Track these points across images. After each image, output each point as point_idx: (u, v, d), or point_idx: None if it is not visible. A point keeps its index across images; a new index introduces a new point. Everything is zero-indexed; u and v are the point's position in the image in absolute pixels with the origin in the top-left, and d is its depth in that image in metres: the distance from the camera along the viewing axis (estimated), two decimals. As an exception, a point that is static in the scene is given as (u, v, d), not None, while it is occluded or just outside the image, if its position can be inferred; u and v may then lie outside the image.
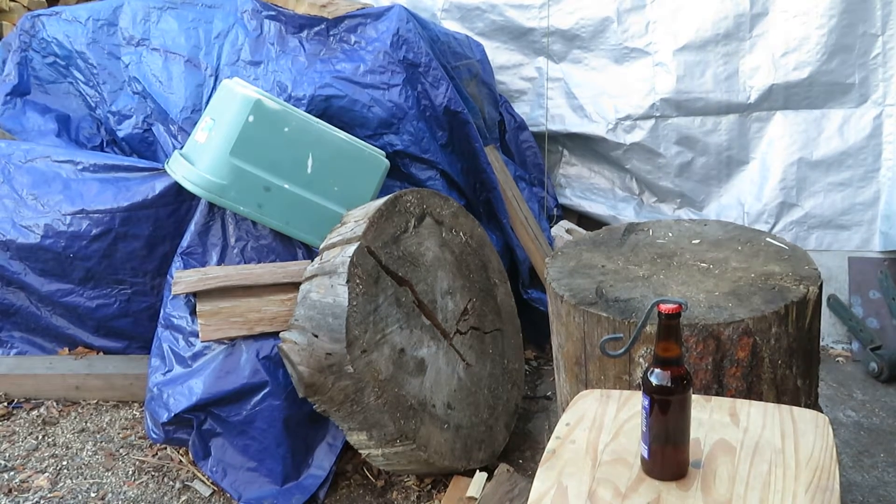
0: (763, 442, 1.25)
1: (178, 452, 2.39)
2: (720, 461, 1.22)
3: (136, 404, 2.62)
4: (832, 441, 1.26)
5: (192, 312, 2.32)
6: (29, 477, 2.33)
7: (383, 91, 2.63)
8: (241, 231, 2.41)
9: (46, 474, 2.34)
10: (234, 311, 2.26)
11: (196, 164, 2.33)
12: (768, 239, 1.91)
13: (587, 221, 3.47)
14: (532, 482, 1.23)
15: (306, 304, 2.10)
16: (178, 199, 2.51)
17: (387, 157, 2.54)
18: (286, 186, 2.35)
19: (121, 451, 2.43)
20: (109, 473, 2.35)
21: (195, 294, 2.29)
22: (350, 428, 2.13)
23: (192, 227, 2.44)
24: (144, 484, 2.30)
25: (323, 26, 2.74)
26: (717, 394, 1.60)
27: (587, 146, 3.38)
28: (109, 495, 2.27)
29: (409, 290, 2.21)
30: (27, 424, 2.54)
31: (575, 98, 3.31)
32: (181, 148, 2.50)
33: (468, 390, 2.30)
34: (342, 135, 2.45)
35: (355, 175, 2.46)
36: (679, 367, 1.15)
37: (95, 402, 2.64)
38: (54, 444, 2.46)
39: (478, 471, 2.25)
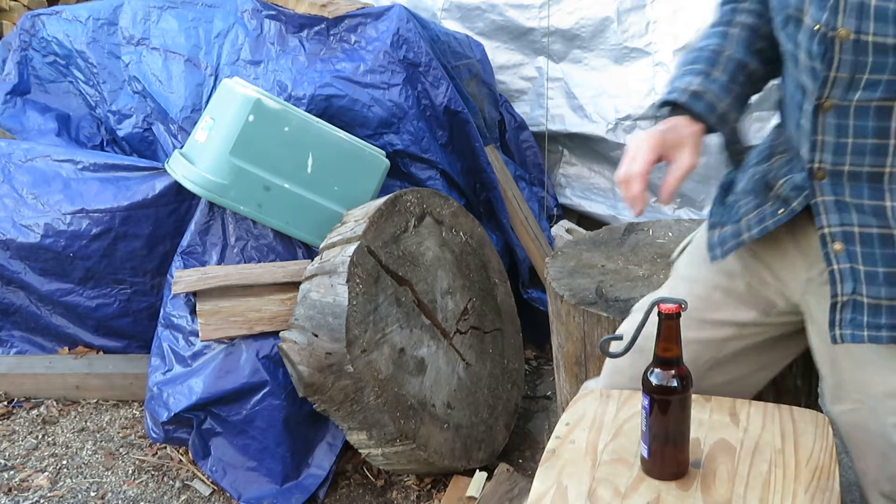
0: (763, 442, 1.25)
1: (178, 452, 2.39)
2: (720, 461, 1.22)
3: (136, 404, 2.62)
4: (832, 441, 1.26)
5: (192, 312, 2.31)
6: (29, 476, 2.33)
7: (383, 91, 2.63)
8: (241, 230, 2.41)
9: (46, 473, 2.34)
10: (234, 310, 2.26)
11: (196, 163, 2.33)
12: (768, 239, 1.91)
13: (587, 221, 3.47)
14: (532, 482, 1.23)
15: (306, 304, 2.10)
16: (179, 199, 2.51)
17: (387, 157, 2.54)
18: (286, 186, 2.35)
19: (121, 450, 2.44)
20: (109, 473, 2.35)
21: (195, 293, 2.30)
22: (350, 427, 2.13)
23: (192, 226, 2.44)
24: (144, 483, 2.30)
25: (323, 26, 2.74)
26: (717, 394, 1.60)
27: (587, 146, 3.38)
28: (109, 494, 2.27)
29: (409, 289, 2.21)
30: (27, 424, 2.54)
31: (575, 98, 3.30)
32: (181, 147, 2.50)
33: (468, 390, 2.30)
34: (342, 134, 2.45)
35: (355, 175, 2.46)
36: (679, 367, 1.15)
37: (95, 401, 2.64)
38: (54, 444, 2.46)
39: (477, 470, 2.25)
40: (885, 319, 1.22)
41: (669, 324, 1.14)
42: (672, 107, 1.32)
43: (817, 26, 1.13)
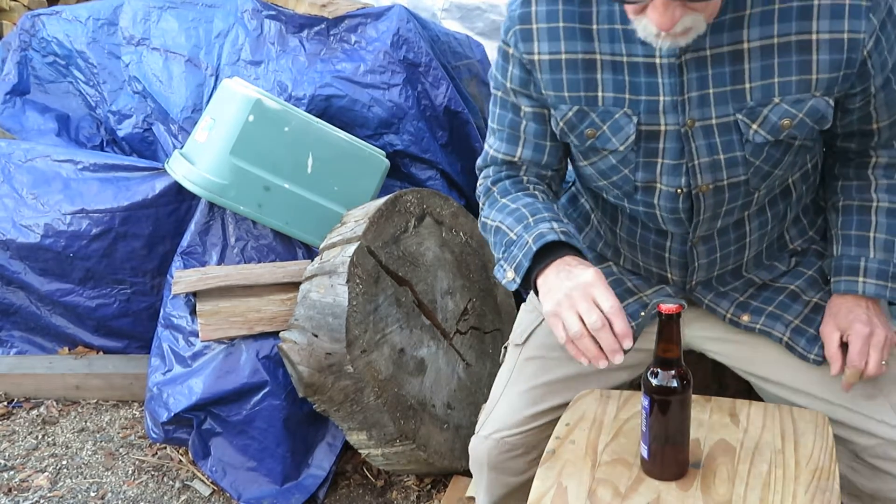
0: (763, 442, 1.26)
1: (178, 452, 2.39)
2: (720, 461, 1.22)
3: (135, 404, 2.62)
4: (832, 441, 1.26)
5: (192, 312, 2.32)
6: (28, 476, 2.33)
7: (383, 91, 2.63)
8: (241, 231, 2.41)
9: (46, 474, 2.34)
10: (234, 310, 2.26)
11: (196, 163, 2.33)
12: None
13: (587, 221, 3.46)
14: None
15: (306, 304, 2.10)
16: (179, 199, 2.51)
17: (387, 157, 2.54)
18: (286, 186, 2.35)
19: (120, 450, 2.44)
20: (109, 473, 2.35)
21: (195, 293, 2.30)
22: (350, 428, 2.13)
23: (192, 226, 2.44)
24: (144, 483, 2.30)
25: (323, 26, 2.74)
26: (717, 394, 1.61)
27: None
28: (109, 495, 2.27)
29: (409, 289, 2.21)
30: (27, 424, 2.54)
31: (575, 98, 3.30)
32: (181, 147, 2.50)
33: (468, 390, 2.31)
34: (342, 134, 2.45)
35: (355, 175, 2.46)
36: (679, 368, 1.15)
37: (95, 401, 2.64)
38: (54, 444, 2.46)
39: (477, 471, 2.25)
40: (819, 318, 1.41)
41: (669, 324, 1.14)
42: (538, 251, 1.29)
43: (678, 189, 1.33)
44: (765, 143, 1.27)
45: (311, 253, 2.42)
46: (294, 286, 2.26)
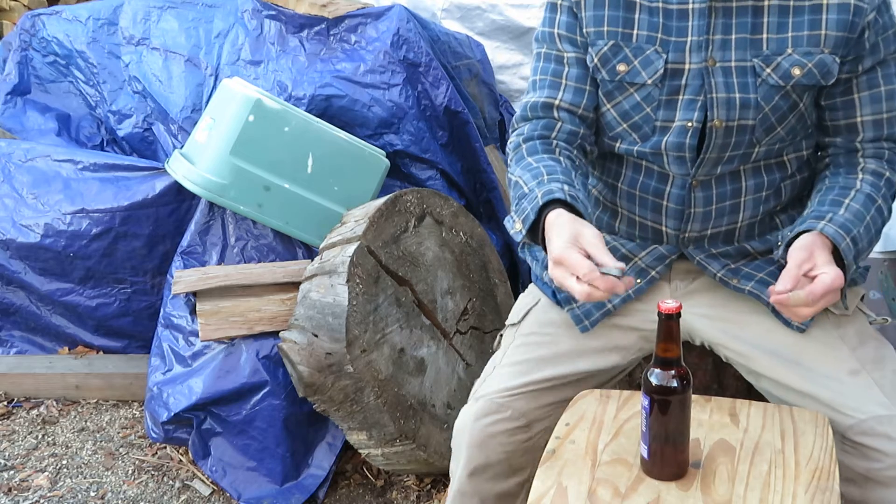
0: (763, 442, 1.26)
1: (178, 452, 2.39)
2: (720, 461, 1.22)
3: (135, 403, 2.62)
4: (832, 441, 1.26)
5: (192, 312, 2.32)
6: (28, 476, 2.33)
7: (383, 91, 2.63)
8: (241, 230, 2.41)
9: (46, 473, 2.34)
10: (234, 310, 2.26)
11: (196, 163, 2.33)
12: (768, 239, 1.91)
13: (587, 221, 3.46)
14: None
15: (306, 304, 2.10)
16: (179, 199, 2.51)
17: (387, 157, 2.54)
18: (286, 186, 2.35)
19: (120, 450, 2.44)
20: (109, 472, 2.35)
21: (195, 293, 2.30)
22: (350, 427, 2.13)
23: (192, 226, 2.44)
24: (144, 483, 2.31)
25: (323, 26, 2.74)
26: (717, 394, 1.61)
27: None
28: (109, 494, 2.27)
29: (409, 289, 2.21)
30: (27, 423, 2.54)
31: (575, 98, 3.30)
32: (181, 147, 2.50)
33: (468, 390, 2.30)
34: (342, 134, 2.45)
35: (355, 175, 2.46)
36: (679, 367, 1.15)
37: (95, 401, 2.64)
38: (54, 444, 2.46)
39: (477, 470, 2.25)
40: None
41: (669, 323, 1.14)
42: (544, 205, 1.34)
43: (690, 123, 1.43)
44: (777, 89, 1.41)
45: (311, 253, 2.42)
46: (294, 286, 2.26)
